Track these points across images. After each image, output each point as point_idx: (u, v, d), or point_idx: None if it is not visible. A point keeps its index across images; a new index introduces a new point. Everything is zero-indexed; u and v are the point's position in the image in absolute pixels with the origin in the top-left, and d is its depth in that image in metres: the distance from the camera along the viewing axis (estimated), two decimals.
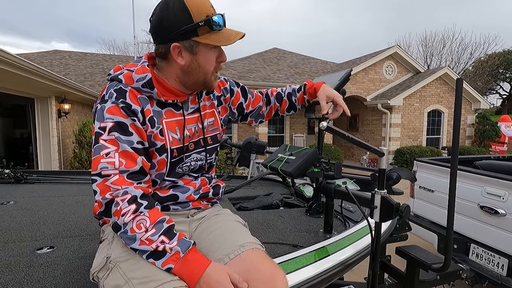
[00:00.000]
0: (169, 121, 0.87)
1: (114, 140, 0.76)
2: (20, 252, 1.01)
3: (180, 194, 0.92)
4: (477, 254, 2.34)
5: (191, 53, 0.81)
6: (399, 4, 52.69)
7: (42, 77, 4.52)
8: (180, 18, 0.78)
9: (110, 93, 0.79)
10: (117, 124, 0.76)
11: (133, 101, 0.80)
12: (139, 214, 0.72)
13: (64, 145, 6.71)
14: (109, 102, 0.78)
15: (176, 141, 0.87)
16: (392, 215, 0.90)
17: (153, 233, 0.71)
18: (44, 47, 49.75)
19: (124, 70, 0.83)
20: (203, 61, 0.83)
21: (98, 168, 0.74)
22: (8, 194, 1.77)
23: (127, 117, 0.78)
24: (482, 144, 10.61)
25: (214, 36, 0.80)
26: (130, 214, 0.71)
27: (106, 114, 0.77)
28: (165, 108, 0.86)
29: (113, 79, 0.83)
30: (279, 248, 1.07)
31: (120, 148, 0.76)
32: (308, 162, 1.25)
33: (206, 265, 0.70)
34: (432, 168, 2.82)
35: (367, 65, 10.06)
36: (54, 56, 12.73)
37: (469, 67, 22.05)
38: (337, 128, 0.84)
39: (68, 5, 47.67)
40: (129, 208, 0.72)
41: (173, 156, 0.87)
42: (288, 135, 11.77)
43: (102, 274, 0.74)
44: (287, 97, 1.15)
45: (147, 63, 0.84)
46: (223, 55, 0.86)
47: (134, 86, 0.81)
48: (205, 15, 0.78)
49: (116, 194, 0.73)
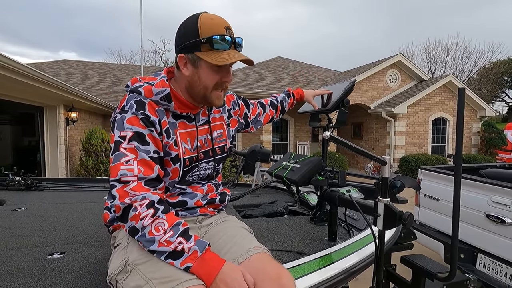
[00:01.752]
0: (182, 132, 0.92)
1: (134, 149, 0.80)
2: (32, 257, 1.04)
3: (188, 200, 0.96)
4: (484, 263, 2.31)
5: (193, 66, 0.86)
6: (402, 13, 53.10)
7: (51, 86, 4.63)
8: (189, 32, 0.83)
9: (131, 105, 0.84)
10: (136, 134, 0.81)
11: (151, 113, 0.84)
12: (157, 218, 0.76)
13: (71, 153, 6.80)
14: (129, 113, 0.82)
15: (188, 151, 0.92)
16: (396, 223, 0.91)
17: (171, 235, 0.75)
18: (52, 57, 50.81)
19: (144, 83, 0.88)
20: (203, 76, 0.86)
21: (118, 174, 0.78)
22: (19, 200, 1.81)
23: (145, 128, 0.82)
24: (488, 152, 10.49)
25: (214, 55, 0.83)
26: (149, 218, 0.75)
27: (126, 124, 0.81)
28: (179, 120, 0.92)
29: (133, 91, 0.88)
30: (283, 255, 1.09)
31: (139, 156, 0.80)
32: (313, 170, 1.28)
33: (222, 264, 0.74)
34: (437, 176, 2.81)
35: (370, 73, 10.10)
36: (62, 66, 13.00)
37: (473, 75, 21.98)
38: (340, 137, 0.87)
39: (76, 15, 48.90)
40: (147, 212, 0.76)
41: (185, 165, 0.92)
42: (292, 143, 11.79)
43: (121, 277, 0.77)
44: (281, 104, 1.35)
45: (166, 78, 0.90)
46: (228, 76, 0.88)
47: (153, 99, 0.86)
48: (212, 33, 0.82)
49: (135, 200, 0.77)
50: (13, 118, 7.99)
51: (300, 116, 11.61)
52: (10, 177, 2.11)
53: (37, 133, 6.43)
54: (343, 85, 1.41)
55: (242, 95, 1.21)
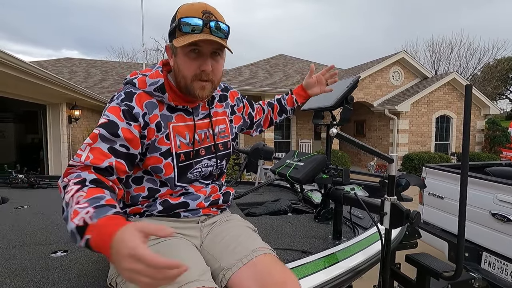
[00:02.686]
0: (178, 126, 0.87)
1: (96, 135, 0.74)
2: (36, 255, 1.03)
3: (190, 201, 0.92)
4: (490, 262, 2.29)
5: (174, 54, 0.83)
6: (406, 10, 52.68)
7: (54, 84, 4.64)
8: (172, 21, 0.82)
9: (119, 95, 0.82)
10: (110, 123, 0.76)
11: (138, 105, 0.81)
12: (78, 191, 0.65)
13: (73, 151, 6.83)
14: (114, 103, 0.80)
15: (184, 145, 0.88)
16: (402, 222, 0.90)
17: (84, 206, 0.60)
18: (54, 55, 50.98)
19: (139, 75, 0.87)
20: (181, 64, 0.82)
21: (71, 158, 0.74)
22: (22, 198, 1.81)
23: (123, 120, 0.78)
24: (493, 150, 10.42)
25: (183, 38, 0.77)
26: (72, 193, 0.64)
27: (106, 111, 0.79)
28: (176, 112, 0.88)
29: (128, 82, 0.87)
30: (288, 254, 1.08)
31: (95, 143, 0.74)
32: (317, 168, 1.26)
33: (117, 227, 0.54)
34: (442, 174, 2.78)
35: (373, 70, 10.04)
36: (65, 64, 13.04)
37: (477, 72, 21.80)
38: (346, 134, 0.85)
39: (77, 13, 48.97)
40: (72, 187, 0.66)
41: (179, 160, 0.87)
42: (294, 140, 11.76)
43: (120, 279, 0.75)
44: (277, 102, 1.27)
45: (161, 69, 0.88)
46: (206, 64, 0.80)
47: (147, 90, 0.83)
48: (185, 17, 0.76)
49: (70, 178, 0.69)
50: (16, 116, 8.04)
51: (302, 114, 11.57)
52: (13, 174, 2.11)
53: (40, 131, 6.46)
54: (346, 81, 1.39)
55: (244, 93, 1.20)
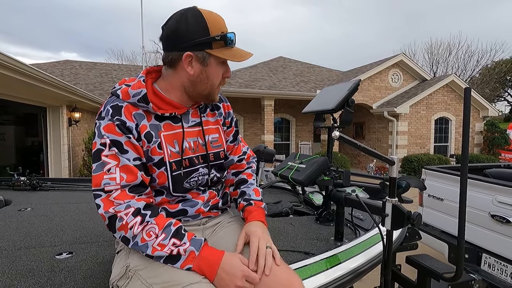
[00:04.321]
0: (167, 134, 0.86)
1: (115, 155, 0.78)
2: (41, 257, 1.04)
3: (189, 208, 0.91)
4: (489, 264, 2.30)
5: (202, 64, 0.83)
6: (404, 13, 52.94)
7: (55, 87, 4.65)
8: (197, 30, 0.80)
9: (107, 110, 0.80)
10: (113, 142, 0.78)
11: (128, 118, 0.80)
12: (146, 224, 0.75)
13: (74, 153, 6.83)
14: (106, 120, 0.79)
15: (174, 154, 0.87)
16: (404, 223, 0.91)
17: (163, 237, 0.75)
18: (53, 57, 51.03)
19: (123, 85, 0.84)
20: (212, 73, 0.85)
21: (102, 184, 0.76)
22: (25, 200, 1.82)
23: (122, 135, 0.79)
24: (491, 152, 10.46)
25: (227, 51, 0.83)
26: (138, 226, 0.74)
27: (103, 131, 0.78)
28: (163, 121, 0.87)
29: (113, 93, 0.85)
30: (290, 255, 1.09)
31: (120, 163, 0.78)
32: (319, 170, 1.28)
33: (221, 257, 0.75)
34: (441, 176, 2.80)
35: (372, 73, 10.09)
36: (65, 66, 13.05)
37: (476, 74, 21.90)
38: (349, 137, 0.87)
39: (77, 15, 49.09)
40: (135, 220, 0.75)
41: (172, 169, 0.86)
42: (294, 142, 11.78)
43: (122, 283, 0.76)
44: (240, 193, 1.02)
45: (143, 78, 0.85)
46: (229, 71, 0.90)
47: (131, 101, 0.82)
48: (220, 31, 0.82)
49: (119, 209, 0.75)
50: (16, 118, 8.04)
51: (302, 116, 11.60)
52: (15, 177, 2.12)
53: (40, 133, 6.46)
54: (347, 84, 1.41)
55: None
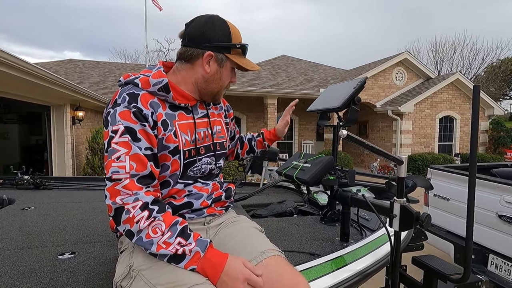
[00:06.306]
0: (181, 123, 0.90)
1: (126, 143, 0.77)
2: (43, 257, 1.04)
3: (194, 201, 0.93)
4: (496, 264, 2.27)
5: (219, 65, 0.91)
6: (408, 10, 52.53)
7: (59, 86, 4.66)
8: (222, 34, 0.89)
9: (123, 97, 0.82)
10: (127, 129, 0.78)
11: (144, 106, 0.82)
12: (153, 220, 0.74)
13: (77, 152, 6.86)
14: (122, 106, 0.80)
15: (188, 143, 0.91)
16: (412, 224, 0.89)
17: (169, 235, 0.74)
18: (57, 56, 51.16)
19: (140, 75, 0.87)
20: (225, 75, 0.94)
21: (110, 172, 0.75)
22: (28, 199, 1.82)
23: (137, 123, 0.79)
24: (497, 151, 10.35)
25: (242, 60, 0.94)
26: (145, 220, 0.73)
27: (118, 117, 0.78)
28: (177, 111, 0.91)
29: (128, 82, 0.86)
30: (296, 256, 1.07)
31: (131, 151, 0.77)
32: (324, 170, 1.26)
33: (225, 259, 0.74)
34: (447, 176, 2.76)
35: (376, 71, 10.01)
36: (68, 65, 13.10)
37: (481, 72, 21.68)
38: (356, 136, 0.84)
39: (80, 14, 49.18)
40: (142, 215, 0.74)
41: (185, 157, 0.90)
42: (297, 141, 11.74)
43: (125, 283, 0.75)
44: (248, 142, 1.32)
45: (162, 69, 0.89)
46: (235, 77, 1.00)
47: (150, 90, 0.85)
48: (239, 41, 0.93)
49: (127, 201, 0.74)
50: (20, 117, 8.08)
51: (305, 115, 11.55)
52: (19, 176, 2.12)
53: (44, 132, 6.49)
54: (353, 82, 1.38)
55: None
